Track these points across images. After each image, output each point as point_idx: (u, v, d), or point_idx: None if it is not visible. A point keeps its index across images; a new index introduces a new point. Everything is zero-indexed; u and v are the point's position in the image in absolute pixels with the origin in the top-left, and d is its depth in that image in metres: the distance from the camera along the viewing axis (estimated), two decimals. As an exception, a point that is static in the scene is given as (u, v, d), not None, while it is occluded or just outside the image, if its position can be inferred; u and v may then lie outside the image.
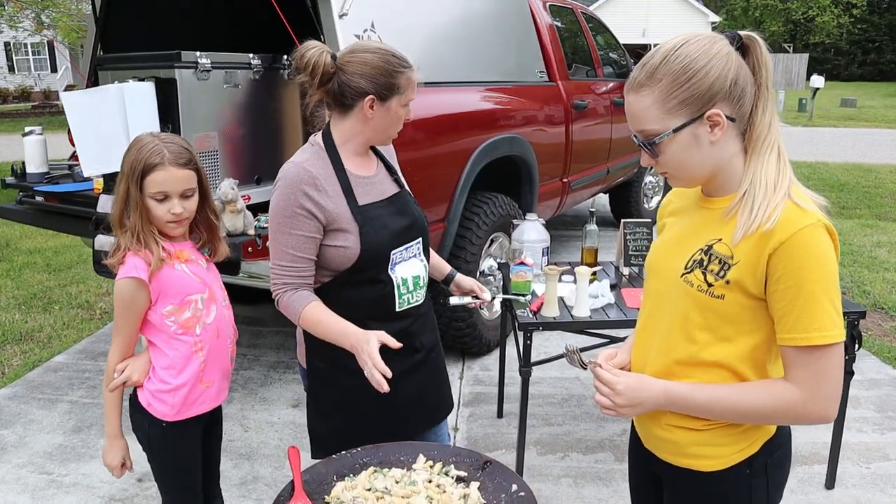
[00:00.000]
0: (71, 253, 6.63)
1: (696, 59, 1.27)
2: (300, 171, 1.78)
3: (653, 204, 7.49)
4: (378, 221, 1.85)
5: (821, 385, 1.27)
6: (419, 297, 1.97)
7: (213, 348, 1.91)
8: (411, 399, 1.99)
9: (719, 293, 1.33)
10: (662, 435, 1.47)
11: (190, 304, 1.85)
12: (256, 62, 3.17)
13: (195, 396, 1.90)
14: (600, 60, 6.07)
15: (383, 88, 1.80)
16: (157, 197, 1.76)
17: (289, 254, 1.80)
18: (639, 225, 3.21)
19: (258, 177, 3.28)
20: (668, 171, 1.37)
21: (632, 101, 1.33)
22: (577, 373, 4.06)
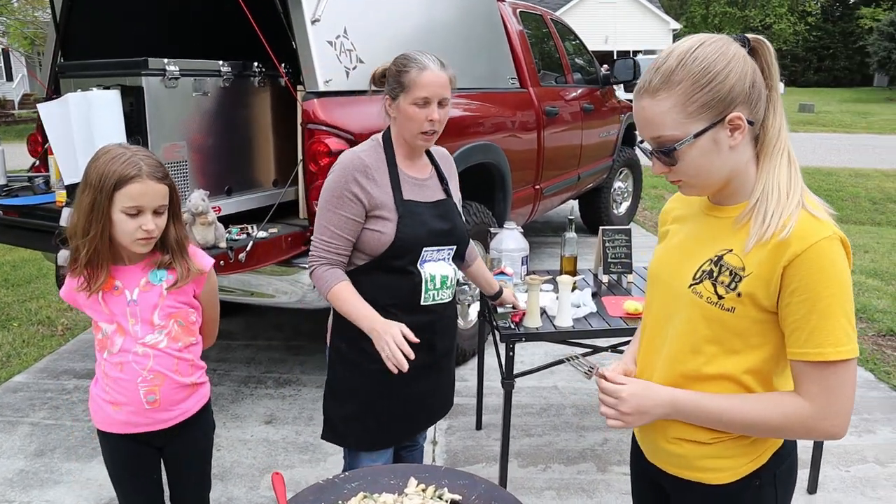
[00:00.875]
0: (30, 267, 6.42)
1: (715, 61, 1.23)
2: (354, 159, 1.97)
3: (622, 210, 7.52)
4: (417, 218, 2.00)
5: (833, 401, 1.24)
6: (444, 297, 2.10)
7: (117, 380, 1.81)
8: (418, 396, 2.14)
9: (730, 306, 1.29)
10: (669, 448, 1.43)
11: (99, 329, 1.81)
12: (226, 69, 3.08)
13: (107, 414, 1.85)
14: (570, 67, 6.08)
15: (393, 88, 1.97)
16: (129, 211, 1.68)
17: (329, 230, 1.97)
18: (617, 232, 3.18)
19: (229, 187, 3.18)
20: (684, 178, 1.32)
21: (647, 106, 1.27)
22: (555, 382, 4.02)
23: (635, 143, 7.54)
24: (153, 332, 1.81)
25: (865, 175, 11.10)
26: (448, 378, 2.27)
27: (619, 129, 6.91)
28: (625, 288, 3.13)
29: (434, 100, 1.95)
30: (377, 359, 1.88)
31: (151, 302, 1.80)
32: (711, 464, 1.38)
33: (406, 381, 2.03)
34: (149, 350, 1.80)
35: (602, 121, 6.39)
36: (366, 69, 3.29)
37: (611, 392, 1.35)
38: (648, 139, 1.31)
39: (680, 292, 1.37)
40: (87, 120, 2.70)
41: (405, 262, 2.00)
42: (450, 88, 2.00)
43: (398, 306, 2.02)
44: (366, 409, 2.09)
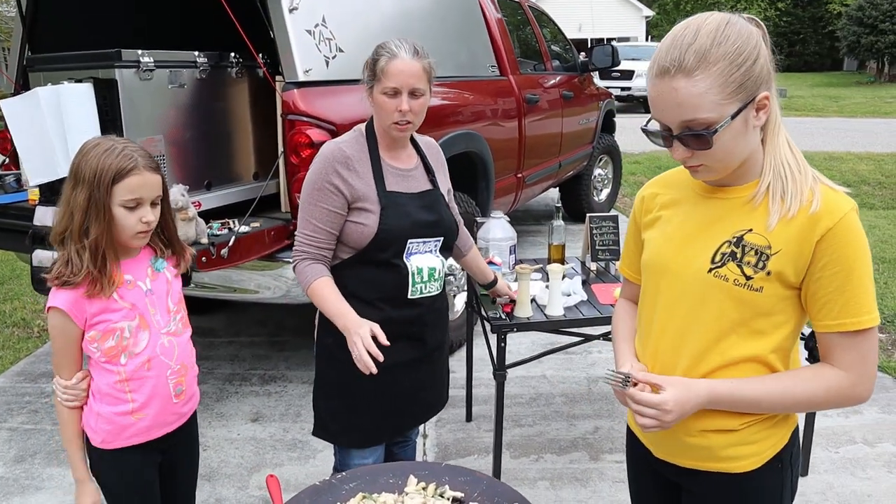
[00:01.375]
0: (3, 268, 6.27)
1: (746, 41, 1.20)
2: (335, 150, 1.93)
3: (602, 197, 7.51)
4: (401, 209, 1.94)
5: (867, 366, 1.27)
6: (433, 289, 2.05)
7: (144, 381, 1.73)
8: (409, 391, 2.09)
9: (759, 286, 1.27)
10: (690, 441, 1.39)
11: (114, 333, 1.68)
12: (203, 60, 2.99)
13: (123, 426, 1.73)
14: (548, 54, 6.04)
15: (368, 77, 1.93)
16: (128, 205, 1.62)
17: (311, 223, 1.93)
18: (604, 219, 3.15)
19: (208, 181, 3.11)
20: (707, 163, 1.26)
21: (680, 88, 1.19)
22: (544, 371, 4.00)
23: (613, 130, 7.59)
24: (170, 319, 1.78)
25: (839, 158, 11.20)
26: (441, 371, 2.23)
27: (598, 116, 6.90)
28: (613, 275, 3.10)
29: (404, 90, 1.88)
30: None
31: (164, 289, 1.78)
32: (738, 451, 1.36)
33: (396, 376, 1.99)
34: (173, 339, 1.77)
35: (582, 108, 6.37)
36: (346, 58, 3.22)
37: (655, 405, 1.28)
38: (676, 122, 1.23)
39: (697, 278, 1.33)
40: (58, 115, 2.61)
41: (390, 255, 1.95)
42: (426, 78, 1.92)
43: (385, 300, 1.99)
44: (356, 405, 2.05)
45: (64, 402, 1.72)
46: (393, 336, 1.85)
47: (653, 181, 1.53)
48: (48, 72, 2.78)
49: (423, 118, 1.96)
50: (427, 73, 1.92)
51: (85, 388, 1.73)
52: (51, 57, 2.99)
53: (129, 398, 1.72)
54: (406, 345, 2.03)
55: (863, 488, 2.90)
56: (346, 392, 2.04)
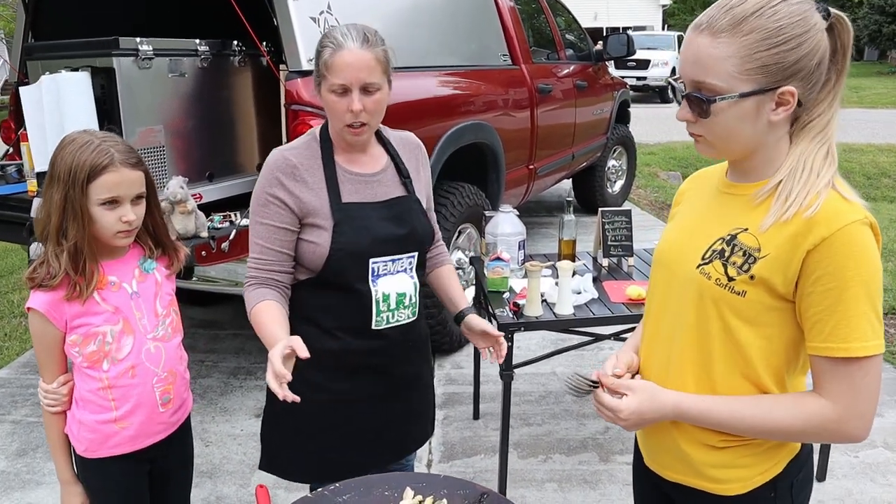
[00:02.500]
0: (12, 257, 6.25)
1: (794, 24, 1.09)
2: (278, 159, 1.67)
3: (616, 189, 7.39)
4: (360, 223, 1.66)
5: (858, 401, 1.12)
6: (403, 318, 1.75)
7: (128, 389, 1.65)
8: (373, 429, 1.80)
9: (740, 289, 1.17)
10: (674, 453, 1.31)
11: (95, 337, 1.60)
12: (204, 49, 2.92)
13: (106, 435, 1.66)
14: (562, 43, 5.92)
15: (315, 73, 1.64)
16: (105, 202, 1.54)
17: (258, 245, 1.68)
18: (617, 214, 3.06)
19: (210, 173, 3.04)
20: (706, 136, 1.19)
21: (702, 45, 1.13)
22: (553, 367, 3.91)
23: (628, 120, 7.45)
24: (158, 323, 1.69)
25: (859, 150, 10.99)
26: (416, 409, 1.91)
27: (612, 107, 6.77)
28: (626, 272, 3.01)
29: (354, 86, 1.57)
30: (320, 386, 1.70)
31: (151, 291, 1.69)
32: (722, 473, 1.26)
33: (356, 411, 1.77)
34: (160, 345, 1.69)
35: (596, 98, 6.25)
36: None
37: (611, 409, 1.24)
38: (689, 79, 1.16)
39: (687, 276, 1.25)
40: (57, 104, 2.55)
41: (350, 279, 1.66)
42: (380, 69, 1.61)
43: (344, 330, 1.71)
44: (309, 440, 1.78)
45: (46, 406, 1.66)
46: (353, 368, 1.70)
47: (693, 174, 1.45)
48: (46, 60, 2.72)
49: (382, 116, 1.68)
50: (382, 64, 1.62)
51: (66, 392, 1.66)
52: (48, 45, 2.93)
53: (112, 406, 1.64)
54: (369, 379, 1.75)
55: (883, 495, 2.80)
56: (298, 424, 1.77)
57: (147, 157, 2.73)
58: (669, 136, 12.44)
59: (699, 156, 10.69)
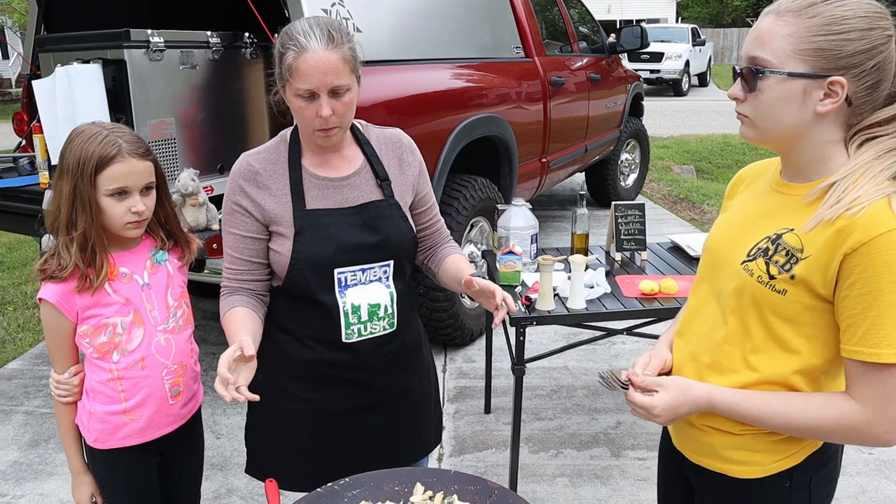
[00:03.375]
0: (26, 249, 6.29)
1: (860, 18, 1.11)
2: (241, 165, 1.60)
3: (629, 182, 7.35)
4: (324, 231, 1.56)
5: (888, 406, 1.12)
6: (377, 330, 1.63)
7: (137, 381, 1.65)
8: (359, 441, 1.71)
9: (781, 288, 1.17)
10: (696, 435, 1.33)
11: (106, 328, 1.61)
12: (215, 41, 2.91)
13: (116, 426, 1.66)
14: (575, 35, 5.87)
15: (279, 74, 1.51)
16: (114, 194, 1.54)
17: (228, 254, 1.62)
18: (630, 207, 3.03)
19: (221, 165, 3.03)
20: (751, 115, 1.20)
21: (767, 22, 1.16)
22: (566, 362, 3.89)
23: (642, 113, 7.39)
24: (169, 315, 1.69)
25: None
26: (401, 421, 1.76)
27: (626, 100, 6.72)
28: (638, 266, 2.98)
29: (322, 90, 1.45)
30: (297, 397, 1.65)
31: (163, 283, 1.69)
32: (739, 455, 1.28)
33: (339, 423, 1.68)
34: (171, 337, 1.69)
35: (609, 91, 6.20)
36: (364, 38, 3.11)
37: (645, 407, 1.25)
38: (745, 57, 1.19)
39: (731, 270, 1.26)
40: (69, 96, 2.54)
41: (315, 290, 1.56)
42: (348, 69, 1.47)
43: (315, 340, 1.62)
44: (290, 448, 1.70)
45: (57, 396, 1.67)
46: (331, 380, 1.63)
47: (750, 165, 1.45)
48: (58, 52, 2.71)
49: (353, 115, 1.56)
50: (349, 63, 1.48)
51: (77, 383, 1.67)
52: (60, 37, 2.92)
53: (121, 397, 1.64)
54: (347, 391, 1.66)
55: (898, 492, 2.77)
56: (281, 433, 1.70)
57: (158, 150, 2.73)
58: (683, 130, 12.36)
59: (713, 149, 10.58)
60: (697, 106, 16.31)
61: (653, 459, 2.99)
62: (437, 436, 1.90)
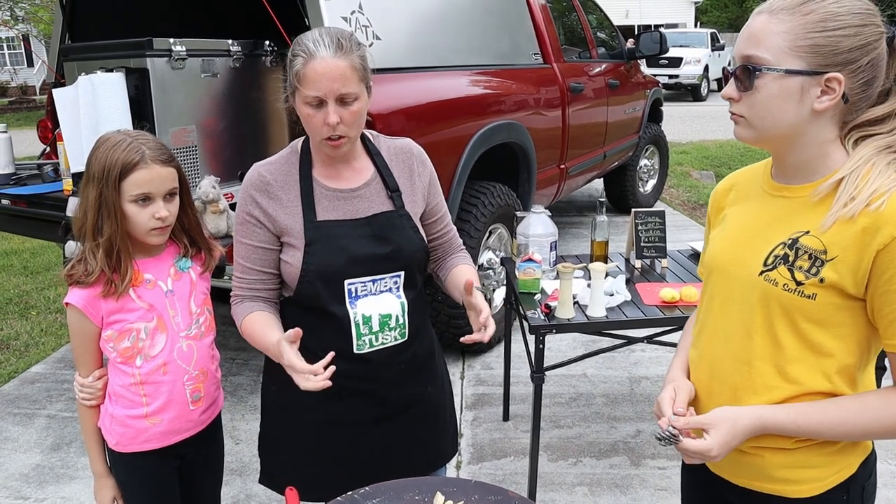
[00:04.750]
0: (49, 254, 6.37)
1: (855, 15, 1.11)
2: (253, 175, 1.62)
3: (648, 188, 7.31)
4: (335, 242, 1.56)
5: None
6: (389, 340, 1.64)
7: (159, 386, 1.67)
8: (375, 451, 1.71)
9: (810, 293, 1.15)
10: (741, 459, 1.28)
11: (130, 333, 1.63)
12: (236, 49, 2.93)
13: (137, 430, 1.68)
14: (594, 41, 5.86)
15: (288, 82, 1.54)
16: (138, 200, 1.56)
17: (239, 264, 1.63)
18: (651, 214, 3.01)
19: (241, 173, 3.05)
20: (747, 115, 1.19)
21: (760, 21, 1.15)
22: (585, 369, 3.87)
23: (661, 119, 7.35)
24: (192, 321, 1.71)
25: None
26: (417, 431, 1.76)
27: (644, 105, 6.69)
28: (658, 273, 2.96)
29: (329, 98, 1.45)
30: (311, 408, 1.65)
31: (186, 289, 1.71)
32: (795, 474, 1.24)
33: (354, 433, 1.69)
34: (193, 343, 1.70)
35: (628, 96, 6.18)
36: (383, 46, 3.12)
37: (700, 452, 1.19)
38: (739, 56, 1.18)
39: (749, 282, 1.23)
40: (93, 105, 2.57)
41: (326, 302, 1.57)
42: (356, 77, 1.48)
43: (326, 351, 1.54)
44: (305, 459, 1.71)
45: (81, 399, 1.69)
46: (345, 392, 1.62)
47: (729, 176, 1.43)
48: (81, 61, 2.75)
49: (362, 126, 1.57)
50: (358, 72, 1.48)
51: (101, 386, 1.69)
52: (84, 46, 2.96)
53: (143, 402, 1.66)
54: (361, 402, 1.66)
55: (924, 505, 2.73)
56: (295, 443, 1.71)
57: (180, 157, 2.74)
58: (702, 135, 12.28)
59: (733, 155, 10.50)
60: (716, 111, 16.21)
61: (673, 469, 2.96)
62: (454, 446, 1.90)
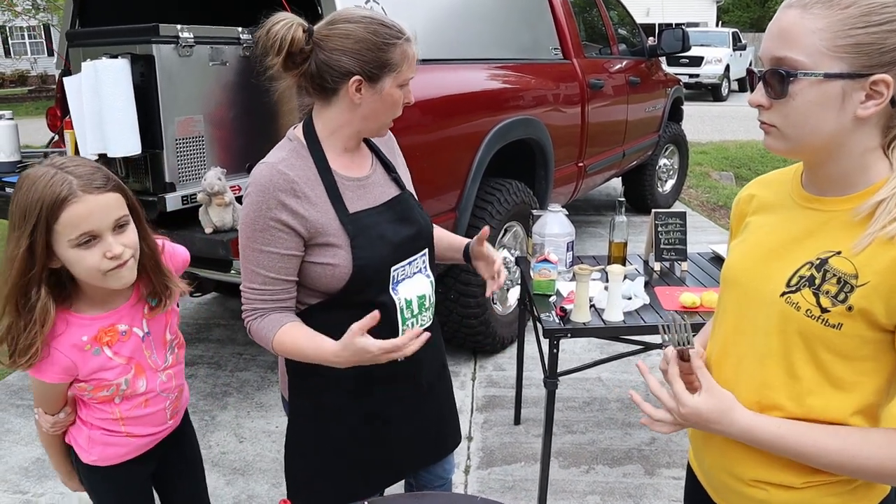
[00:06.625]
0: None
1: None
2: (274, 175, 1.45)
3: (667, 188, 7.17)
4: (373, 232, 1.52)
5: None
6: (426, 320, 1.65)
7: (141, 418, 1.57)
8: (406, 441, 1.71)
9: (836, 321, 1.02)
10: (744, 491, 1.17)
11: (109, 387, 1.49)
12: (246, 37, 2.84)
13: (111, 449, 1.58)
14: (615, 37, 5.74)
15: (372, 66, 1.45)
16: (80, 242, 1.31)
17: (260, 275, 1.48)
18: (671, 216, 2.90)
19: (249, 165, 2.96)
20: (780, 124, 1.05)
21: (791, 17, 1.00)
22: (599, 373, 3.76)
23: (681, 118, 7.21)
24: (166, 352, 1.59)
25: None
26: (441, 408, 1.82)
27: (665, 104, 6.56)
28: (678, 276, 2.85)
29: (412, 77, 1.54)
30: (348, 409, 1.60)
31: (162, 324, 1.57)
32: None
33: (387, 427, 1.68)
34: (171, 371, 1.60)
35: (648, 94, 6.05)
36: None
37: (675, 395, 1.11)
38: (767, 58, 1.03)
39: (767, 301, 1.11)
40: (96, 92, 2.50)
41: (373, 294, 1.52)
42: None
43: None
44: (336, 461, 1.67)
45: (51, 433, 1.56)
46: (381, 384, 1.58)
47: (753, 181, 1.29)
48: (87, 47, 2.67)
49: None
50: None
51: (72, 411, 1.57)
52: (89, 32, 2.89)
53: (123, 432, 1.57)
54: (397, 391, 1.65)
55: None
56: (327, 450, 1.66)
57: (186, 148, 2.67)
58: (722, 136, 12.10)
59: (753, 156, 10.35)
60: (737, 111, 15.99)
61: (689, 479, 2.86)
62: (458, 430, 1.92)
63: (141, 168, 2.65)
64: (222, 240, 2.54)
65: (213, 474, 2.90)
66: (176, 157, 2.63)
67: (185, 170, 2.68)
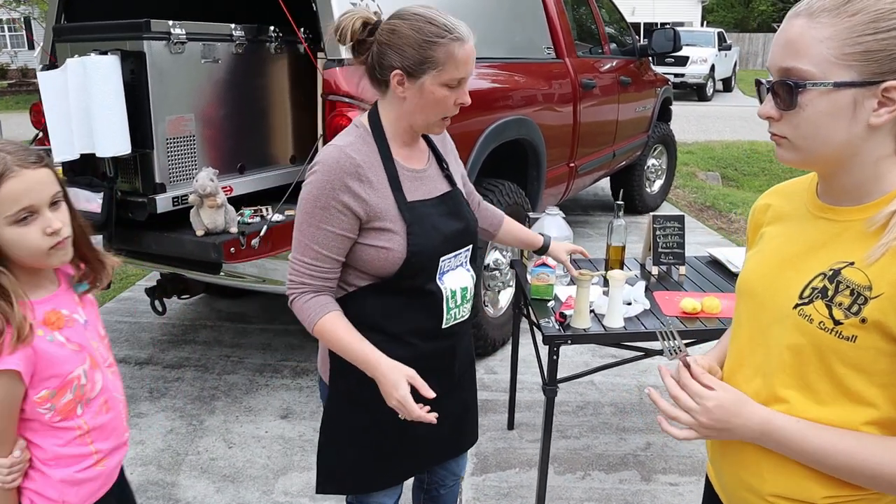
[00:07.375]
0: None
1: None
2: (342, 157, 1.53)
3: (655, 188, 7.17)
4: (427, 222, 1.60)
5: None
6: (465, 313, 1.74)
7: (105, 427, 1.47)
8: (437, 433, 1.74)
9: (849, 334, 0.99)
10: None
11: (71, 384, 1.39)
12: (239, 34, 2.78)
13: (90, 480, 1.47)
14: (607, 36, 5.71)
15: (412, 62, 1.51)
16: (19, 218, 1.28)
17: (313, 249, 1.55)
18: (669, 219, 2.87)
19: (241, 165, 2.90)
20: (790, 136, 1.03)
21: (798, 26, 0.98)
22: (592, 377, 3.73)
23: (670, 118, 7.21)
24: (102, 345, 1.50)
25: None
26: (464, 403, 1.88)
27: (655, 104, 6.56)
28: (676, 280, 2.82)
29: (467, 79, 1.57)
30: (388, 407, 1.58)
31: (94, 314, 1.49)
32: None
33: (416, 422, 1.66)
34: (114, 369, 1.52)
35: (639, 94, 6.04)
36: (393, 35, 2.98)
37: (695, 393, 1.08)
38: (775, 68, 1.01)
39: (781, 315, 1.08)
40: (84, 89, 2.42)
41: (422, 281, 1.60)
42: None
43: (416, 333, 1.65)
44: (369, 450, 1.72)
45: (9, 483, 1.37)
46: (422, 373, 1.57)
47: (769, 190, 1.27)
48: (75, 42, 2.59)
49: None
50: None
51: (28, 457, 1.40)
52: (77, 27, 2.80)
53: (92, 450, 1.46)
54: (433, 381, 1.63)
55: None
56: (364, 438, 1.71)
57: (176, 147, 2.61)
58: (707, 135, 12.15)
59: (739, 156, 10.40)
60: (722, 111, 16.07)
61: (685, 485, 2.84)
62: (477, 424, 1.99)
63: (130, 168, 2.58)
64: (214, 242, 2.48)
65: (202, 481, 2.84)
66: (166, 156, 2.56)
67: (175, 170, 2.61)
